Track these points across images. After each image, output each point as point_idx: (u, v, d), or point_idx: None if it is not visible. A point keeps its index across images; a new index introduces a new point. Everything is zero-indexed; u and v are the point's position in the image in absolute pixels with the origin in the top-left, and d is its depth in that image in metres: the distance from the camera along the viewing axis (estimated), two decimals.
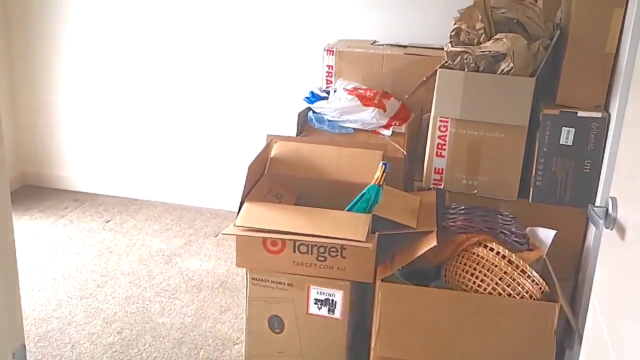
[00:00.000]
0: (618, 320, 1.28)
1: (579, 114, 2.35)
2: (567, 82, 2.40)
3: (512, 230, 2.22)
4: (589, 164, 2.38)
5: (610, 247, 1.37)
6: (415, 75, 2.82)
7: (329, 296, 2.28)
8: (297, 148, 2.60)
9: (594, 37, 2.32)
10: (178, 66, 3.81)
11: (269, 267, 2.29)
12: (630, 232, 1.22)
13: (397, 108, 2.82)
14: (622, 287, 1.27)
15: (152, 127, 3.97)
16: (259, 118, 3.74)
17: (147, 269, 3.21)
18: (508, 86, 2.37)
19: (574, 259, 2.57)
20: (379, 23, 3.48)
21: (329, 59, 3.05)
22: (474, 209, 2.30)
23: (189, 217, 3.85)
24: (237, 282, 3.11)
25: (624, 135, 1.51)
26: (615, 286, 1.33)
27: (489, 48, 2.33)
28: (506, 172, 2.48)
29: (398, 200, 2.40)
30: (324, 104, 2.78)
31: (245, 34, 3.65)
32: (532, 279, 2.09)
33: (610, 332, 1.32)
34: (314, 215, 2.26)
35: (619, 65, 2.29)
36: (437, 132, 2.50)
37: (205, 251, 3.42)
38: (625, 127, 1.52)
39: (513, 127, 2.42)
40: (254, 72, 3.71)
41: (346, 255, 2.21)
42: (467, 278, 2.13)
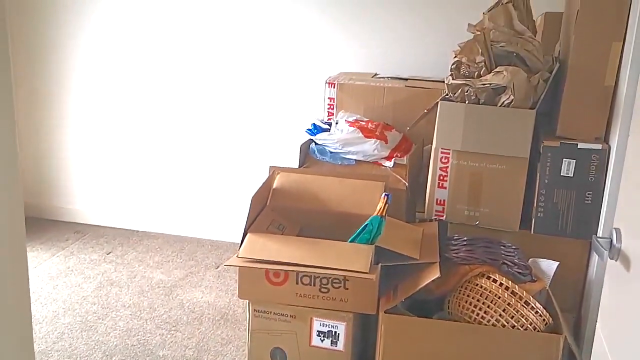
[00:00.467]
0: (624, 350, 1.28)
1: (579, 145, 2.37)
2: (567, 114, 2.43)
3: (514, 261, 2.22)
4: (590, 195, 2.39)
5: (615, 278, 1.37)
6: (415, 108, 2.85)
7: (331, 328, 2.27)
8: (300, 179, 2.61)
9: (593, 71, 2.35)
10: (180, 96, 3.85)
11: (271, 298, 2.28)
12: (635, 262, 1.22)
13: (399, 140, 2.84)
14: (628, 317, 1.27)
15: (153, 159, 3.99)
16: (260, 150, 3.76)
17: (148, 301, 3.19)
18: (509, 118, 2.39)
19: (576, 291, 2.57)
20: (380, 56, 3.52)
21: (330, 91, 3.08)
22: (477, 240, 2.31)
23: (190, 248, 3.85)
24: (239, 314, 3.10)
25: (627, 167, 1.53)
26: (621, 316, 1.33)
27: (490, 81, 2.36)
28: (508, 204, 2.49)
29: (400, 232, 2.40)
30: (326, 135, 2.80)
31: (248, 66, 3.70)
32: (535, 310, 2.09)
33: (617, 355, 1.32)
34: (316, 247, 2.26)
35: (618, 97, 2.32)
36: (439, 164, 2.52)
37: (206, 283, 3.41)
38: (627, 159, 1.54)
39: (514, 159, 2.43)
40: (255, 104, 3.74)
41: (349, 286, 2.20)
42: (470, 310, 2.12)
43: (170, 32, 3.76)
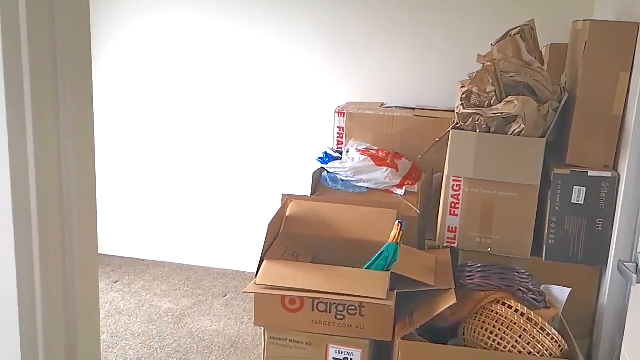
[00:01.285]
0: None
1: (589, 173, 2.41)
2: (576, 143, 2.48)
3: (529, 287, 2.24)
4: (600, 222, 2.43)
5: None
6: (424, 137, 2.90)
7: (347, 355, 2.28)
8: (312, 207, 2.63)
9: (602, 100, 2.41)
10: (188, 122, 3.89)
11: (287, 325, 2.29)
12: None
13: (409, 168, 2.88)
14: None
15: (159, 188, 4.01)
16: (269, 178, 3.79)
17: (157, 329, 3.18)
18: (519, 147, 2.44)
19: (588, 318, 2.58)
20: (385, 86, 3.58)
21: (339, 120, 3.13)
22: (491, 266, 2.33)
23: (197, 277, 3.85)
24: (248, 342, 3.09)
25: None
26: None
27: (501, 110, 2.41)
28: (519, 231, 2.52)
29: (415, 258, 2.42)
30: (337, 164, 2.84)
31: (258, 96, 3.74)
32: (551, 336, 2.10)
33: None
34: (333, 273, 2.28)
35: (626, 126, 2.37)
36: (451, 192, 2.55)
37: (214, 311, 3.40)
38: None
39: (525, 186, 2.47)
40: (264, 133, 3.78)
41: (365, 313, 2.22)
42: (486, 336, 2.14)
43: (185, 61, 3.81)
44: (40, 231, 0.88)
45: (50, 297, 0.92)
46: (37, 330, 0.91)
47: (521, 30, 2.60)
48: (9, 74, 0.81)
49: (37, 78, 0.85)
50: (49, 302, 0.92)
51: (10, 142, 0.82)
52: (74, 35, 0.91)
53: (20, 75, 0.83)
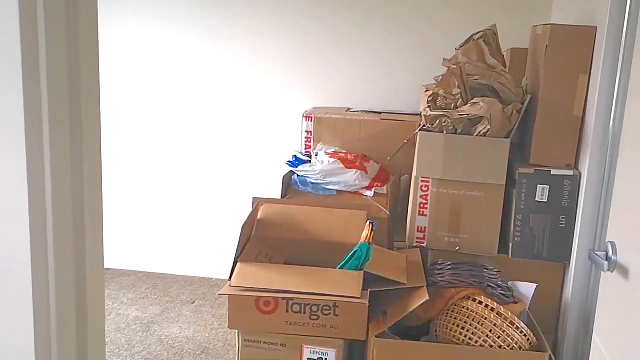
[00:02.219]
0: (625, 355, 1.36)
1: (552, 172, 2.49)
2: (539, 143, 2.56)
3: (498, 283, 2.30)
4: (563, 219, 2.51)
5: (612, 288, 1.46)
6: (391, 140, 2.95)
7: (322, 355, 2.29)
8: (283, 210, 2.65)
9: (562, 101, 2.50)
10: (153, 131, 3.86)
11: (261, 327, 2.29)
12: (634, 272, 1.31)
13: (377, 170, 2.93)
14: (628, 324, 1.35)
15: (122, 194, 3.97)
16: (235, 183, 3.79)
17: (126, 337, 3.14)
18: (485, 147, 2.50)
19: (553, 313, 2.66)
20: (351, 91, 3.63)
21: (307, 124, 3.15)
22: (461, 263, 2.38)
23: (164, 284, 3.81)
24: (219, 347, 3.08)
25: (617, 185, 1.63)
26: (621, 324, 1.41)
27: (467, 111, 2.47)
28: (486, 229, 2.59)
29: (386, 258, 2.46)
30: (307, 167, 2.87)
31: (225, 102, 3.75)
32: (520, 330, 2.16)
33: None
34: (307, 274, 2.30)
35: (586, 126, 2.46)
36: (419, 192, 2.60)
37: (183, 318, 3.38)
38: (617, 178, 1.65)
39: (491, 186, 2.54)
40: (232, 138, 3.78)
41: (339, 312, 2.24)
42: (457, 331, 2.18)
43: (154, 71, 3.79)
44: (54, 233, 0.90)
45: (63, 298, 0.93)
46: (50, 335, 0.92)
47: (484, 34, 2.68)
48: (26, 81, 0.83)
49: (52, 84, 0.87)
50: (62, 303, 0.93)
51: (28, 148, 0.84)
52: (85, 43, 0.93)
53: (37, 82, 0.85)
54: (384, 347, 2.17)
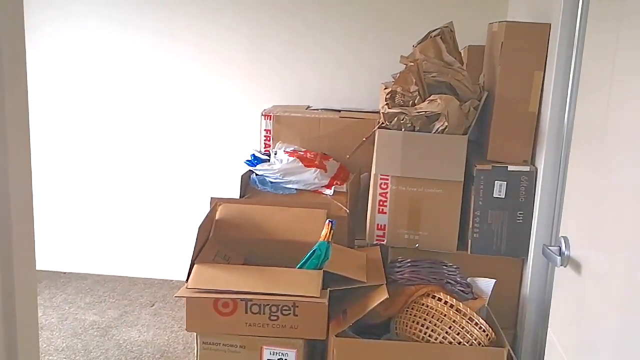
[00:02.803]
0: (577, 347, 1.37)
1: (509, 168, 2.51)
2: (496, 140, 2.58)
3: (457, 280, 2.31)
4: (521, 215, 2.53)
5: (565, 283, 1.47)
6: (351, 137, 2.94)
7: (282, 356, 2.27)
8: (242, 210, 2.61)
9: (518, 98, 2.52)
10: (108, 130, 3.78)
11: (220, 329, 2.25)
12: (586, 266, 1.32)
13: (337, 168, 2.91)
14: (580, 318, 1.36)
15: (78, 196, 3.88)
16: (193, 183, 3.73)
17: (83, 343, 3.07)
18: (443, 144, 2.51)
19: (512, 309, 2.68)
20: (311, 90, 3.61)
21: (266, 123, 3.12)
22: (420, 261, 2.38)
23: (123, 287, 3.74)
24: (179, 350, 3.03)
25: (569, 183, 1.64)
26: (573, 318, 1.42)
27: (425, 109, 2.47)
28: (445, 226, 2.59)
29: (346, 257, 2.45)
30: (266, 166, 2.83)
31: (182, 100, 3.69)
32: (479, 326, 2.17)
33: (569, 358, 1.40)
34: (266, 274, 2.27)
35: (541, 122, 2.49)
36: (379, 190, 2.60)
37: (142, 322, 3.31)
38: (569, 176, 1.66)
39: (450, 183, 2.55)
40: (190, 137, 3.73)
41: (299, 313, 2.21)
42: (417, 329, 2.18)
43: (108, 69, 3.71)
44: None
45: None
46: None
47: (441, 31, 2.68)
48: None
49: None
50: None
51: None
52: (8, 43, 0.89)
53: None
54: (343, 347, 2.15)
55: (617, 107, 1.31)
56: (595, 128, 1.41)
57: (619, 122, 1.28)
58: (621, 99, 1.29)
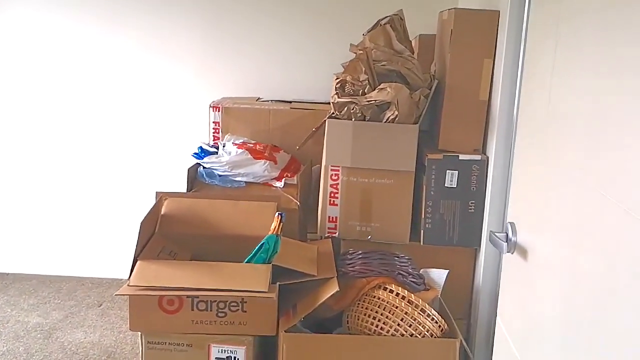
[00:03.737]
0: (522, 332, 1.34)
1: (460, 157, 2.48)
2: (447, 129, 2.55)
3: (409, 271, 2.27)
4: (472, 204, 2.51)
5: (512, 270, 1.43)
6: (302, 129, 2.88)
7: (231, 354, 2.19)
8: (189, 204, 2.53)
9: (469, 86, 2.49)
10: (48, 126, 3.64)
11: (165, 328, 2.17)
12: (532, 252, 1.29)
13: (288, 160, 2.85)
14: (526, 305, 1.33)
15: (18, 194, 3.72)
16: (142, 178, 3.62)
17: (25, 346, 2.94)
18: (394, 133, 2.47)
19: (466, 299, 2.66)
20: (261, 81, 3.54)
21: (215, 115, 3.04)
22: (371, 252, 2.34)
23: (69, 288, 3.60)
24: (127, 352, 2.93)
25: (515, 168, 1.61)
26: (520, 305, 1.39)
27: (375, 97, 2.43)
28: (397, 217, 2.56)
29: (296, 250, 2.38)
30: (213, 158, 2.75)
31: (126, 91, 3.57)
32: (431, 317, 2.13)
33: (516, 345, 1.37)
34: (212, 270, 2.19)
35: (492, 111, 2.46)
36: (329, 181, 2.54)
37: (89, 322, 3.19)
38: (515, 162, 1.63)
39: (401, 173, 2.51)
40: (134, 131, 3.61)
41: (247, 309, 2.15)
42: (369, 322, 2.13)
43: (44, 57, 3.56)
44: None
45: None
46: None
47: (391, 19, 2.64)
48: None
49: None
50: None
51: None
52: None
53: None
54: (293, 342, 2.10)
55: (558, 93, 1.28)
56: (539, 114, 1.38)
57: (561, 108, 1.25)
58: (563, 84, 1.26)
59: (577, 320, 1.07)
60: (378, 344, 2.10)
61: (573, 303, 1.10)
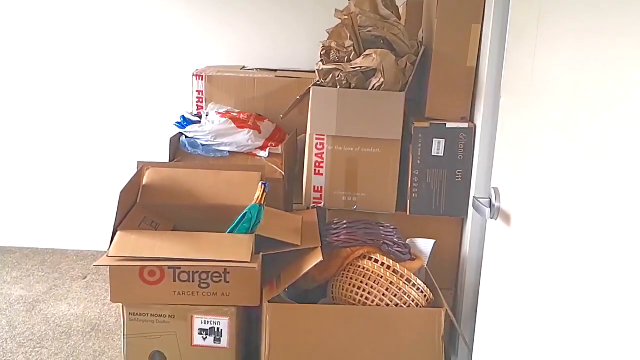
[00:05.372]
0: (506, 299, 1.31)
1: (447, 125, 2.44)
2: (434, 96, 2.49)
3: (394, 240, 2.24)
4: (460, 173, 2.47)
5: (495, 236, 1.40)
6: (287, 98, 2.82)
7: (214, 324, 2.17)
8: (171, 174, 2.48)
9: (456, 52, 2.43)
10: (30, 92, 3.56)
11: (147, 299, 2.14)
12: (515, 217, 1.25)
13: (272, 129, 2.79)
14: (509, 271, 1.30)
15: (3, 163, 3.65)
16: (125, 147, 3.55)
17: (7, 318, 2.90)
18: (380, 101, 2.42)
19: (452, 269, 2.64)
20: (246, 49, 3.46)
21: (198, 83, 2.97)
22: (356, 222, 2.30)
23: (52, 260, 3.56)
24: (111, 324, 2.90)
25: (500, 131, 1.57)
26: (502, 270, 1.36)
27: (360, 64, 2.37)
28: (383, 186, 2.52)
29: (280, 220, 2.35)
30: (196, 127, 2.69)
31: (106, 58, 3.49)
32: (417, 287, 2.11)
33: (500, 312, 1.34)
34: (193, 239, 2.15)
35: (479, 77, 2.41)
36: (314, 150, 2.50)
37: (72, 295, 3.16)
38: (500, 124, 1.59)
39: (387, 141, 2.46)
40: (116, 101, 3.54)
41: (230, 279, 2.12)
42: (353, 292, 2.11)
43: (22, 31, 3.47)
44: None
45: None
46: None
47: None
48: None
49: None
50: None
51: None
52: None
53: None
54: (277, 312, 2.07)
55: (542, 53, 1.23)
56: (523, 75, 1.34)
57: (545, 68, 1.20)
58: (546, 44, 1.21)
59: (560, 286, 1.04)
60: (362, 314, 2.08)
61: (556, 268, 1.06)
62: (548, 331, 1.09)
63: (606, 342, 0.89)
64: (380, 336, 2.06)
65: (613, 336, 0.87)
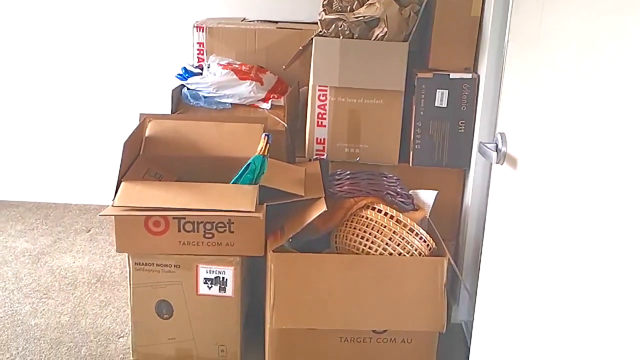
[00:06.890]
0: (511, 246, 1.32)
1: (451, 75, 2.43)
2: (437, 47, 2.47)
3: (397, 191, 2.25)
4: (463, 124, 2.47)
5: (501, 181, 1.41)
6: (289, 50, 2.79)
7: (219, 274, 2.20)
8: (174, 126, 2.48)
9: (460, 2, 2.41)
10: (34, 48, 3.52)
11: (152, 249, 2.16)
12: (522, 161, 1.25)
13: (274, 82, 2.77)
14: (514, 216, 1.31)
15: (3, 119, 3.64)
16: (127, 101, 3.53)
17: (13, 270, 2.93)
18: (383, 51, 2.40)
19: (454, 220, 2.66)
20: (247, 1, 3.41)
21: (199, 35, 2.94)
22: (360, 173, 2.31)
23: (56, 214, 3.58)
24: (116, 275, 2.93)
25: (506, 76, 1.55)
26: (507, 217, 1.37)
27: (363, 13, 2.34)
28: (386, 138, 2.52)
29: (283, 171, 2.35)
30: (198, 79, 2.67)
31: (107, 10, 3.45)
32: (420, 236, 2.13)
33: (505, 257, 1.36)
34: (198, 190, 2.16)
35: (484, 27, 2.39)
36: (317, 102, 2.49)
37: (77, 247, 3.19)
38: (506, 69, 1.58)
39: (390, 92, 2.45)
40: (116, 52, 3.51)
41: (235, 229, 2.13)
42: (357, 241, 2.13)
43: None
44: None
45: None
46: None
47: None
48: None
49: None
50: None
51: None
52: None
53: None
54: (282, 261, 2.09)
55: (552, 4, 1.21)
56: (532, 22, 1.32)
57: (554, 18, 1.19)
58: None
59: (567, 230, 1.05)
60: (366, 263, 2.10)
61: (563, 210, 1.07)
62: (554, 275, 1.11)
63: (611, 290, 0.90)
64: (383, 285, 2.09)
65: (617, 284, 0.88)
